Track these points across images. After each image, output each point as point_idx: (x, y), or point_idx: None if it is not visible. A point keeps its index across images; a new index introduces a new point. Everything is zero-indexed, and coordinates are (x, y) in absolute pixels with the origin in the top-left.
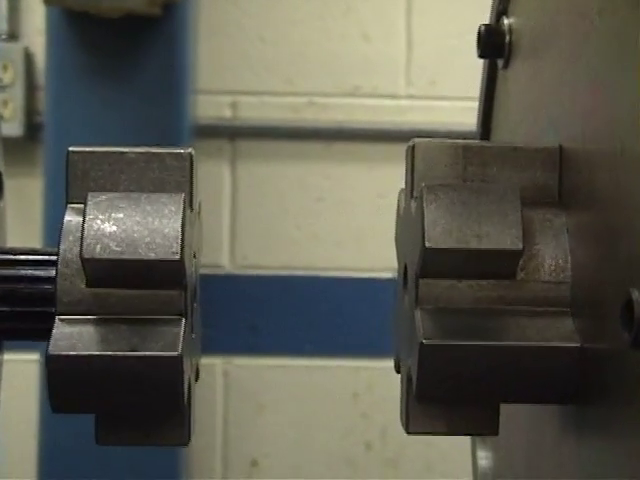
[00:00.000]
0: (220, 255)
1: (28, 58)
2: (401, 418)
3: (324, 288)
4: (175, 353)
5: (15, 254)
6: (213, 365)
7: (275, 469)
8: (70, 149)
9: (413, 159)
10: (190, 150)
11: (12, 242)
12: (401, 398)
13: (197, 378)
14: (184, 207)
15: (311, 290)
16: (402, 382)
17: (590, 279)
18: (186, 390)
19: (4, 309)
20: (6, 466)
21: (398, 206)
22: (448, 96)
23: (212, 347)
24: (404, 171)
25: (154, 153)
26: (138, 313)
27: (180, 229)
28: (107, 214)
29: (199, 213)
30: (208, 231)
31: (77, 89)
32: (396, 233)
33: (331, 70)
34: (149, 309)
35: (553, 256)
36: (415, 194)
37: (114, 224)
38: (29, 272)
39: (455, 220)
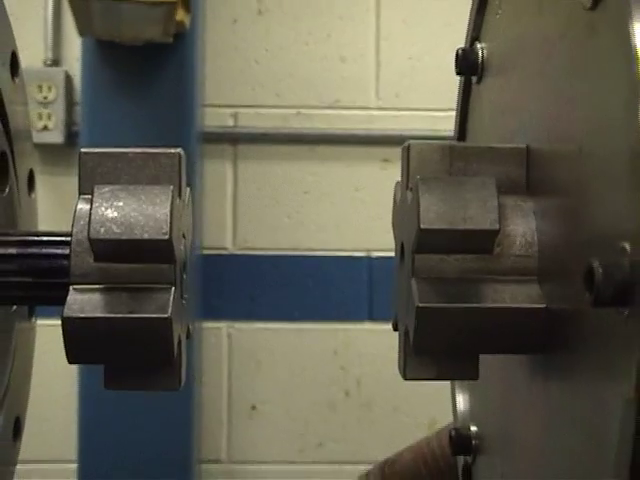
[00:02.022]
0: (224, 239)
1: (68, 80)
2: (399, 367)
3: (309, 265)
4: (165, 315)
5: (38, 236)
6: (219, 329)
7: (270, 412)
8: (81, 150)
9: (408, 157)
10: (179, 150)
11: (53, 228)
12: (399, 351)
13: (189, 336)
14: (173, 196)
15: (299, 267)
16: (400, 338)
17: (553, 253)
18: (176, 345)
19: (29, 280)
20: (52, 413)
21: (395, 196)
22: (411, 107)
23: (218, 314)
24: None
25: (150, 153)
26: (136, 283)
27: (169, 214)
28: (110, 202)
29: (188, 202)
30: (214, 219)
31: (106, 104)
32: (393, 218)
33: (314, 86)
34: (145, 279)
35: (522, 234)
36: (410, 186)
37: (115, 210)
38: (49, 250)
39: (444, 206)
